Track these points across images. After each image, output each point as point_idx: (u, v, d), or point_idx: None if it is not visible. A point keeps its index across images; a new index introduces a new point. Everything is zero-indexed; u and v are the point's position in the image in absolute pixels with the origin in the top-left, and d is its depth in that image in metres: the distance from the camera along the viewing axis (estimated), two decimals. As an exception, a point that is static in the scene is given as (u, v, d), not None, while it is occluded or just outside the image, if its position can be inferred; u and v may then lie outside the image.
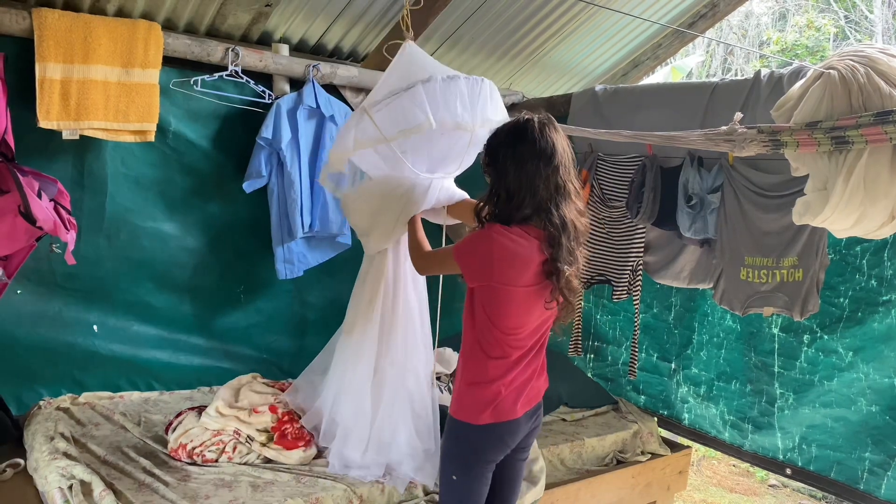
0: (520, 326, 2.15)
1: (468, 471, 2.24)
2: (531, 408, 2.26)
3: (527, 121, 2.14)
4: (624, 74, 4.67)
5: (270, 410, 2.85)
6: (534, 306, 2.13)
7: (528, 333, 2.18)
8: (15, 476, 2.60)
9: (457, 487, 2.26)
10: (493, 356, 2.16)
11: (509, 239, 2.06)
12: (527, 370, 2.22)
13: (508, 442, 2.23)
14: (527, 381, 2.23)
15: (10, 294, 3.04)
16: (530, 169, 2.08)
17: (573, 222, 2.12)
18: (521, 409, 2.21)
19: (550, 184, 2.09)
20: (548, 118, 2.16)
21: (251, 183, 3.50)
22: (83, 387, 3.29)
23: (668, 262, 3.53)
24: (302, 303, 3.95)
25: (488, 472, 2.26)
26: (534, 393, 2.27)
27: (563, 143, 2.13)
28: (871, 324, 2.89)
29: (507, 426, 2.19)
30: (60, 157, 3.15)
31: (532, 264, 2.07)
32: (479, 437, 2.20)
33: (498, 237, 2.07)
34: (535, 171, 2.08)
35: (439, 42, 3.98)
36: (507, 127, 2.19)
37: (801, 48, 8.96)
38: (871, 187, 2.09)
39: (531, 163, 2.08)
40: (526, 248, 2.07)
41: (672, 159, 3.36)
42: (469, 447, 2.22)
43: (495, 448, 2.22)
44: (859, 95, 2.10)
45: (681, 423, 3.72)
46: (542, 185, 2.08)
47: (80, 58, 2.96)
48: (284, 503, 2.40)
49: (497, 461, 2.26)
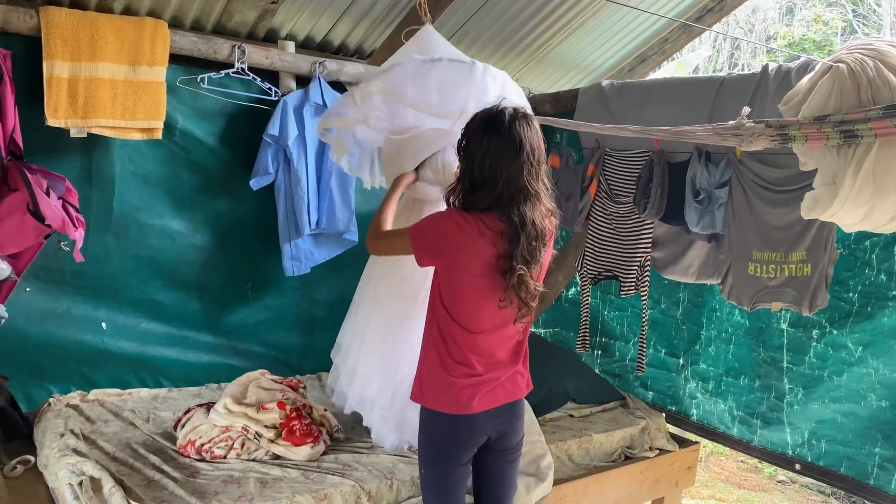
0: (473, 317, 2.11)
1: (433, 466, 2.23)
2: (495, 406, 2.18)
3: (500, 111, 2.10)
4: (631, 69, 4.65)
5: (279, 407, 2.85)
6: (486, 299, 2.09)
7: (489, 330, 2.14)
8: (25, 473, 2.62)
9: (429, 483, 2.26)
10: (451, 349, 2.13)
11: (459, 222, 2.05)
12: (491, 368, 2.17)
13: (465, 437, 2.17)
14: (490, 380, 2.16)
15: (19, 292, 3.05)
16: (493, 160, 2.04)
17: (534, 221, 2.06)
18: (481, 405, 2.14)
19: (513, 179, 2.05)
20: (523, 113, 2.11)
21: (258, 180, 3.51)
22: (92, 384, 3.30)
23: (676, 258, 3.52)
24: (309, 300, 3.96)
25: (455, 466, 2.20)
26: (500, 392, 2.19)
27: (533, 140, 2.08)
28: (880, 318, 2.87)
29: (461, 420, 2.14)
30: (68, 156, 3.16)
31: (480, 254, 2.05)
32: (432, 425, 2.19)
33: (451, 217, 2.07)
34: (496, 164, 2.04)
35: (446, 37, 3.95)
36: (481, 114, 2.14)
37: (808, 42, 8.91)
38: (880, 181, 2.08)
39: (495, 154, 2.05)
40: (472, 236, 2.04)
41: (679, 154, 3.35)
42: (426, 440, 2.22)
43: (451, 441, 2.17)
44: (868, 89, 2.08)
45: (689, 418, 3.71)
46: (502, 178, 2.04)
47: (87, 56, 2.97)
48: (293, 499, 2.41)
49: (461, 458, 2.20)
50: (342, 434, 3.05)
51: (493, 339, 2.17)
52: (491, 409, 2.17)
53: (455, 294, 2.12)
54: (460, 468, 2.22)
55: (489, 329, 2.14)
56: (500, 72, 2.68)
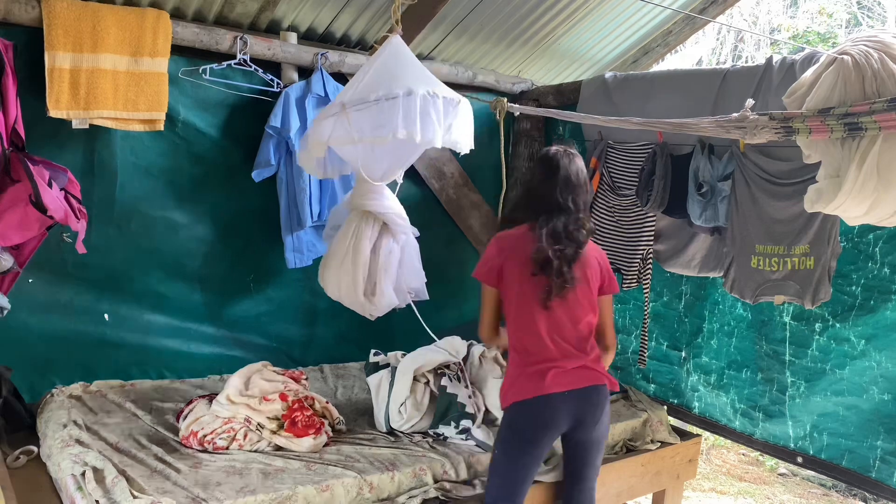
0: (532, 312, 2.47)
1: (507, 449, 2.50)
2: (572, 388, 2.45)
3: (546, 150, 2.67)
4: (634, 61, 4.63)
5: (281, 398, 2.86)
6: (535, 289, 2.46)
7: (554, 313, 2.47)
8: (28, 463, 2.62)
9: (498, 465, 2.52)
10: (520, 344, 2.50)
11: (504, 233, 2.58)
12: (560, 351, 2.47)
13: (550, 416, 2.44)
14: (560, 362, 2.45)
15: (21, 283, 3.05)
16: (535, 182, 2.61)
17: (565, 226, 2.48)
18: (554, 385, 2.42)
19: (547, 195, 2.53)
20: (564, 149, 2.64)
21: (260, 172, 3.51)
22: (95, 375, 3.30)
23: (679, 251, 3.52)
24: (311, 291, 3.95)
25: (528, 454, 2.47)
26: (575, 374, 2.47)
27: (571, 168, 2.59)
28: (883, 312, 2.87)
29: (538, 402, 2.43)
30: (70, 147, 3.16)
31: (527, 247, 2.47)
32: (514, 413, 2.49)
33: (495, 238, 2.60)
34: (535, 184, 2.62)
35: (448, 29, 3.96)
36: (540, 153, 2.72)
37: (812, 35, 8.87)
38: (884, 174, 2.07)
39: (537, 177, 2.61)
40: (521, 235, 2.52)
41: (683, 147, 3.34)
42: (507, 425, 2.52)
43: (530, 424, 2.46)
44: (873, 81, 2.07)
45: (691, 411, 3.71)
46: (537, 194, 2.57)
47: (88, 47, 2.97)
48: (295, 490, 2.42)
49: (540, 441, 2.47)
50: (344, 426, 3.06)
51: (557, 330, 2.48)
52: (570, 390, 2.45)
53: (512, 283, 2.50)
54: (531, 457, 2.49)
55: (549, 322, 2.48)
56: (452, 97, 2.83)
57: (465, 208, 4.44)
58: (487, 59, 4.33)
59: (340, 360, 3.99)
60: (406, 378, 3.01)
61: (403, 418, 2.99)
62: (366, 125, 2.69)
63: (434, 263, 3.71)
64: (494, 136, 3.88)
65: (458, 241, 4.51)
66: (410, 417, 2.99)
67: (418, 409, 2.99)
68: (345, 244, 3.19)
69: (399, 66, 2.84)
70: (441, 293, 4.39)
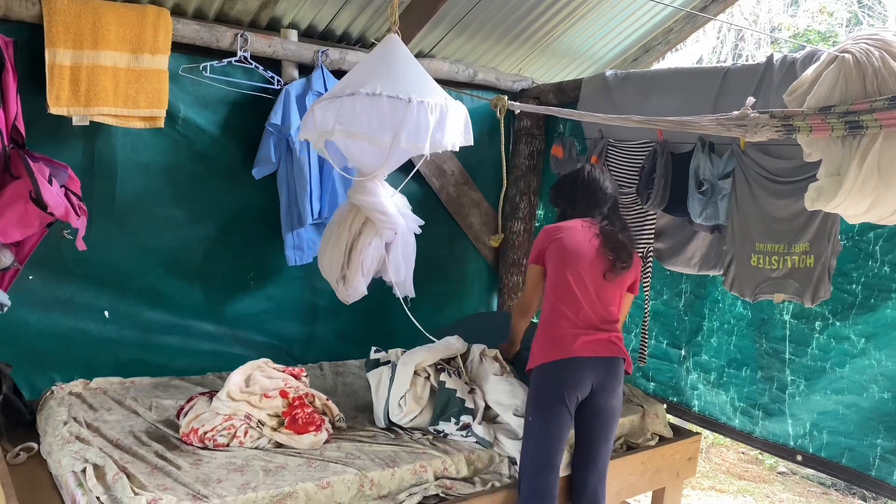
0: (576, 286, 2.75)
1: (540, 410, 2.70)
2: (597, 355, 2.71)
3: (581, 167, 3.02)
4: (635, 59, 4.63)
5: (281, 395, 2.86)
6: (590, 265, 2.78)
7: (589, 291, 2.76)
8: (29, 460, 2.62)
9: (533, 428, 2.71)
10: (556, 311, 2.76)
11: (555, 226, 2.89)
12: (590, 322, 2.74)
13: (576, 377, 2.67)
14: (589, 331, 2.72)
15: (22, 280, 3.05)
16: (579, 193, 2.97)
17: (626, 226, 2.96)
18: (582, 350, 2.68)
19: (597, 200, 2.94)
20: (591, 166, 3.02)
21: (260, 169, 3.50)
22: (95, 372, 3.30)
23: (679, 249, 3.52)
24: (312, 289, 3.96)
25: (560, 414, 2.67)
26: (601, 344, 2.73)
27: (604, 181, 2.97)
28: (883, 310, 2.87)
29: (567, 363, 2.68)
30: (71, 144, 3.16)
31: (579, 231, 2.83)
32: (543, 374, 2.72)
33: (546, 227, 2.90)
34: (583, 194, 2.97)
35: (448, 27, 3.96)
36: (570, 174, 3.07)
37: (813, 33, 8.87)
38: (885, 172, 2.07)
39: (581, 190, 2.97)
40: (572, 228, 2.85)
41: (683, 145, 3.34)
42: (537, 387, 2.73)
43: (559, 383, 2.67)
44: (874, 79, 2.07)
45: (691, 409, 3.71)
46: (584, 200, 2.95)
47: (89, 44, 2.96)
48: (296, 487, 2.42)
49: (568, 399, 2.67)
50: (344, 423, 3.06)
51: (593, 306, 2.77)
52: (594, 357, 2.70)
53: (561, 274, 2.79)
54: (563, 416, 2.68)
55: (592, 287, 2.78)
56: (439, 104, 2.88)
57: (465, 206, 4.44)
58: (488, 57, 4.32)
59: (340, 357, 3.99)
60: (407, 371, 3.02)
61: (403, 411, 2.99)
62: (352, 119, 2.79)
63: (434, 261, 3.72)
64: (495, 134, 3.88)
65: (459, 239, 4.51)
66: (410, 411, 2.99)
67: (418, 403, 3.00)
68: (331, 230, 3.39)
69: (391, 67, 2.89)
70: (441, 291, 4.40)
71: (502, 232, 4.40)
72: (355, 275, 3.36)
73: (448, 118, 2.90)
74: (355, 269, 3.35)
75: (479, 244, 4.57)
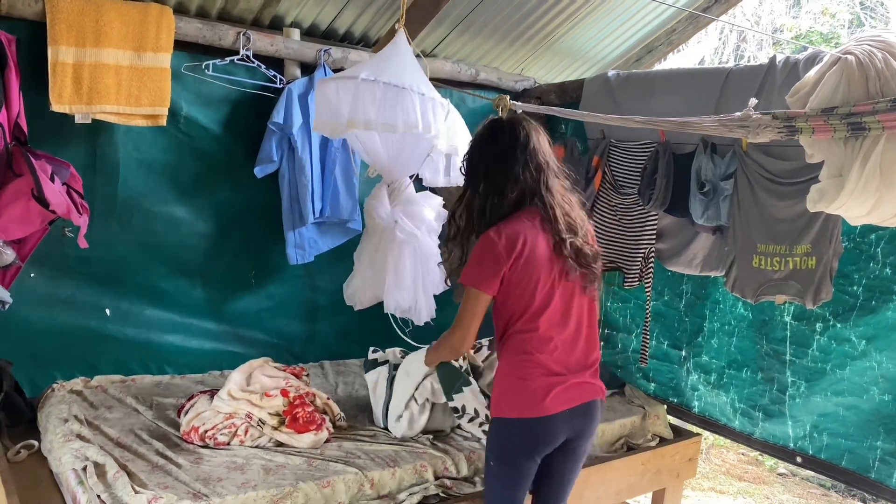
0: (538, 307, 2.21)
1: (503, 462, 2.30)
2: (573, 406, 2.24)
3: (493, 121, 2.37)
4: (637, 60, 4.63)
5: (282, 394, 2.86)
6: (548, 286, 2.22)
7: (555, 320, 2.23)
8: (29, 457, 2.63)
9: (495, 475, 2.33)
10: (522, 350, 2.23)
11: (507, 226, 2.21)
12: (566, 364, 2.25)
13: (548, 435, 2.23)
14: (564, 376, 2.24)
15: (23, 278, 3.05)
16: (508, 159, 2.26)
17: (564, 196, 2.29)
18: (556, 405, 2.21)
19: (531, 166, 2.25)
20: (516, 117, 2.39)
21: (262, 168, 3.50)
22: (96, 370, 3.30)
23: (681, 250, 3.52)
24: (313, 288, 3.96)
25: (526, 466, 2.28)
26: (577, 390, 2.26)
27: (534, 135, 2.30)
28: (884, 312, 2.87)
29: (537, 422, 2.21)
30: (73, 141, 3.16)
31: (539, 241, 2.20)
32: (509, 430, 2.26)
33: (492, 232, 2.21)
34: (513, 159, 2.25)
35: (451, 26, 3.95)
36: (479, 131, 2.39)
37: (815, 35, 8.86)
38: (887, 174, 2.07)
39: (507, 153, 2.26)
40: (527, 226, 2.21)
41: (685, 146, 3.34)
42: (501, 441, 2.30)
43: (526, 443, 2.24)
44: (877, 81, 2.07)
45: (691, 410, 3.71)
46: (520, 169, 2.24)
47: (91, 41, 2.96)
48: (296, 486, 2.42)
49: (537, 455, 2.27)
50: (345, 422, 3.06)
51: (560, 325, 2.25)
52: (569, 409, 2.23)
53: (516, 288, 2.22)
54: (530, 467, 2.29)
55: (558, 317, 2.24)
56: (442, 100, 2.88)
57: (466, 206, 4.43)
58: (490, 57, 4.32)
59: (341, 356, 4.00)
60: (403, 392, 2.96)
61: (400, 430, 2.97)
62: (370, 108, 2.69)
63: (435, 261, 3.71)
64: (497, 134, 3.87)
65: (459, 239, 4.50)
66: (405, 433, 2.97)
67: (412, 428, 2.96)
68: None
69: (400, 63, 2.86)
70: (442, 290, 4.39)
71: (503, 232, 4.40)
72: (358, 282, 3.39)
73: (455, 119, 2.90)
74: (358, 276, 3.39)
75: (480, 244, 4.57)
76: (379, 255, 3.26)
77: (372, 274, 3.31)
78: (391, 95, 2.69)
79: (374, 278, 3.29)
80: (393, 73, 2.74)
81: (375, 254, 3.29)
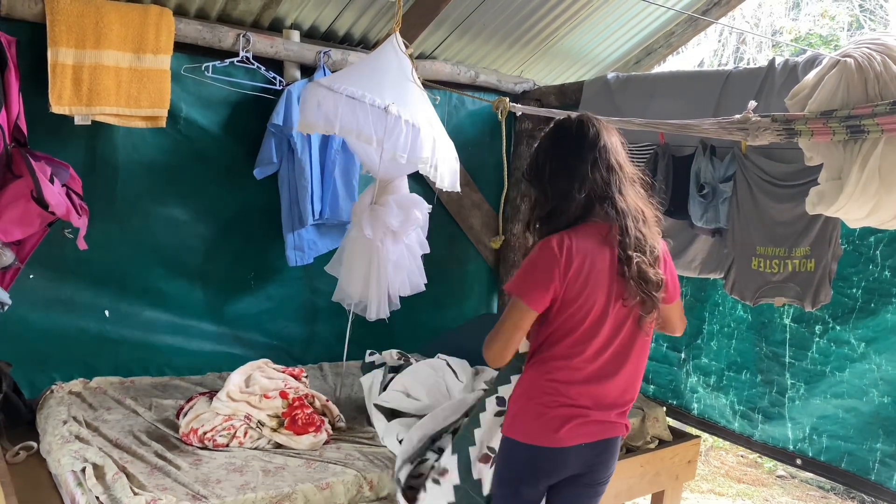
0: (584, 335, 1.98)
1: (507, 485, 2.13)
2: (588, 441, 2.03)
3: (562, 120, 2.12)
4: (637, 62, 4.63)
5: (281, 396, 2.86)
6: (600, 312, 1.98)
7: (598, 352, 2.00)
8: (28, 459, 2.63)
9: (497, 497, 2.19)
10: (549, 374, 2.01)
11: (571, 235, 1.96)
12: (595, 400, 2.01)
13: (557, 467, 2.04)
14: (587, 412, 2.01)
15: (22, 279, 3.05)
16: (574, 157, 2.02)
17: (637, 206, 2.05)
18: (569, 439, 2.00)
19: (600, 166, 2.00)
20: (584, 114, 2.13)
21: (262, 170, 3.50)
22: (95, 371, 3.30)
23: (680, 252, 3.51)
24: (312, 290, 3.96)
25: (531, 495, 2.10)
26: (598, 427, 2.04)
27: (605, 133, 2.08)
28: (883, 315, 2.87)
29: (545, 452, 2.01)
30: (72, 143, 3.16)
31: (602, 257, 1.96)
32: (516, 453, 2.07)
33: (554, 239, 1.95)
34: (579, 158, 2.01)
35: (450, 29, 3.96)
36: (545, 132, 2.16)
37: (814, 37, 8.87)
38: (886, 176, 2.08)
39: (574, 151, 2.02)
40: (593, 241, 1.97)
41: (684, 148, 3.34)
42: (507, 464, 2.12)
43: (533, 471, 2.05)
44: (876, 84, 2.08)
45: (690, 413, 3.71)
46: (588, 168, 2.00)
47: (91, 43, 2.96)
48: (295, 487, 2.42)
49: (541, 484, 2.09)
50: (344, 424, 3.06)
51: (604, 371, 2.01)
52: (585, 444, 2.03)
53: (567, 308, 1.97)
54: (536, 495, 2.11)
55: (601, 342, 1.99)
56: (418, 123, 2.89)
57: (465, 208, 4.44)
58: (490, 59, 4.32)
59: (340, 358, 3.97)
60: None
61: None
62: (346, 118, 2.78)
63: (435, 262, 3.71)
64: (496, 136, 3.89)
65: (459, 241, 4.51)
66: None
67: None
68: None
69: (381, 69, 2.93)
70: (442, 292, 4.39)
71: (503, 234, 4.40)
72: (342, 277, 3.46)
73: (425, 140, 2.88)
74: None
75: (480, 245, 4.57)
76: (346, 253, 3.40)
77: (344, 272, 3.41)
78: (349, 106, 2.77)
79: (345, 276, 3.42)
80: (368, 81, 2.81)
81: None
